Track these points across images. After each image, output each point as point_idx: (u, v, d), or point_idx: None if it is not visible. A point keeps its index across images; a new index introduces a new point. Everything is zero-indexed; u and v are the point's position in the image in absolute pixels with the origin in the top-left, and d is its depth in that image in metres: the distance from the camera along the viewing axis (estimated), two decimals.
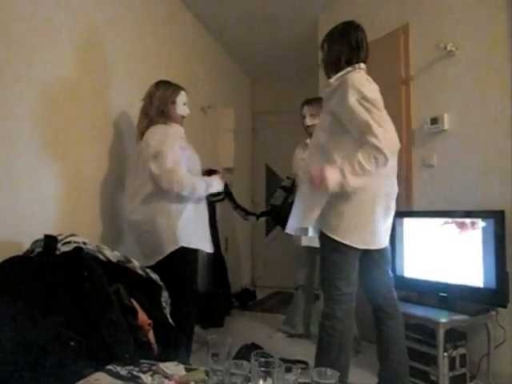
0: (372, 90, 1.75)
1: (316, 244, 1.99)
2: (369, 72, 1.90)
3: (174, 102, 2.18)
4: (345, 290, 1.81)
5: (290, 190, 2.92)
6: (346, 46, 1.87)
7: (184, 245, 2.07)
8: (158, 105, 2.14)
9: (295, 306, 3.15)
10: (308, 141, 2.83)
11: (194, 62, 3.66)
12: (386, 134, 1.67)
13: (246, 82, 5.35)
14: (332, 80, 1.86)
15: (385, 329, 1.91)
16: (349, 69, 1.83)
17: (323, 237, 1.85)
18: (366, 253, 1.85)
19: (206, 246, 2.22)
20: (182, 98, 2.21)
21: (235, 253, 4.71)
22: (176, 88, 2.22)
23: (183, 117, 2.24)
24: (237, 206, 3.15)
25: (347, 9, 3.42)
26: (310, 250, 2.93)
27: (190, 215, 2.12)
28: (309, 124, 2.86)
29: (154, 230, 2.07)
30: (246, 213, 3.19)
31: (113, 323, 1.42)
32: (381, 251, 1.88)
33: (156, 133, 2.08)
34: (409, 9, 2.90)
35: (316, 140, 1.94)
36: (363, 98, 1.70)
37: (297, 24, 3.82)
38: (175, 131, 2.14)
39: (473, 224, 2.22)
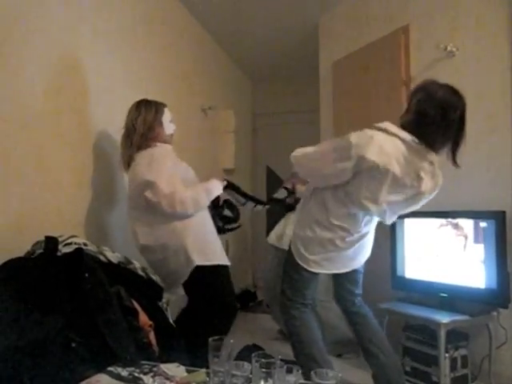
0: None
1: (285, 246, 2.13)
2: (369, 73, 1.90)
3: (161, 124, 2.00)
4: (297, 300, 1.97)
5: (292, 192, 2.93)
6: (414, 113, 1.72)
7: (199, 263, 1.91)
8: (143, 131, 1.95)
9: (275, 319, 3.19)
10: None
11: (194, 63, 3.67)
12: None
13: (247, 84, 5.35)
14: None
15: (356, 327, 2.03)
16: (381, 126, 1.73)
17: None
18: None
19: (223, 258, 2.05)
20: (166, 116, 2.04)
21: (236, 254, 4.71)
22: (158, 107, 2.02)
23: (172, 135, 2.08)
24: (249, 198, 2.52)
25: (348, 10, 3.42)
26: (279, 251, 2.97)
27: (198, 229, 1.97)
28: None
29: (166, 257, 1.94)
30: (257, 202, 2.64)
31: (113, 324, 1.42)
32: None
33: (140, 164, 1.92)
34: (409, 10, 2.89)
35: None
36: None
37: (297, 25, 3.82)
38: (161, 150, 1.97)
39: (474, 224, 2.22)
